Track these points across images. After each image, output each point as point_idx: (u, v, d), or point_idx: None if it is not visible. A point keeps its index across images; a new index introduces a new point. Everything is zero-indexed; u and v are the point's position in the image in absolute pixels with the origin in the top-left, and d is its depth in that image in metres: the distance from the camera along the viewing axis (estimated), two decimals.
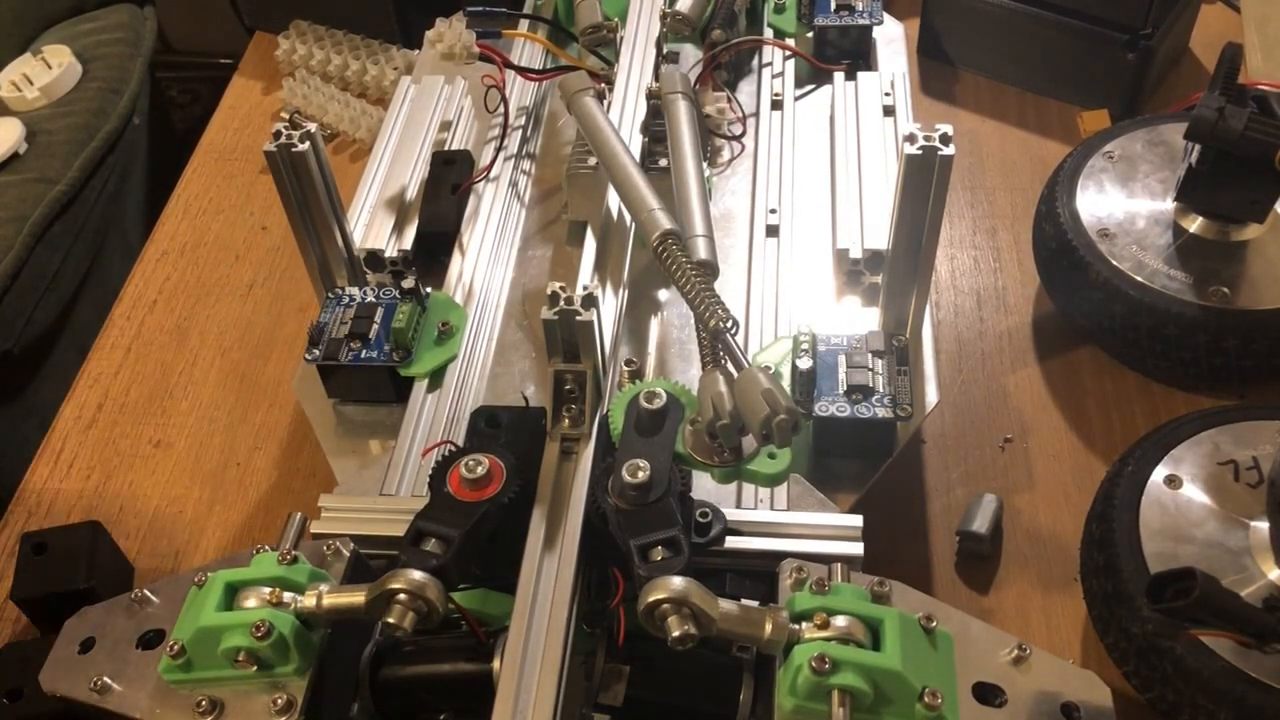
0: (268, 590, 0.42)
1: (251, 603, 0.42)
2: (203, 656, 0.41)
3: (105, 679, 0.43)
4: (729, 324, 0.46)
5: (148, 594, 0.46)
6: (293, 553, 0.43)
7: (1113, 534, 0.49)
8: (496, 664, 0.41)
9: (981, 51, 0.81)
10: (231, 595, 0.42)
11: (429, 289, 0.58)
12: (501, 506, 0.44)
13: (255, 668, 0.41)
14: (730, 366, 0.46)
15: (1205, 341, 0.58)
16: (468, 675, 0.42)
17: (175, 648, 0.41)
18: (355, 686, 0.43)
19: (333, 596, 0.41)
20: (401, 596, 0.39)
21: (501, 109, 0.68)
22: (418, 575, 0.40)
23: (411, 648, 0.44)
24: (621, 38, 0.67)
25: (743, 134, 0.67)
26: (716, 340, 0.46)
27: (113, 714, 0.43)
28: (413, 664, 0.44)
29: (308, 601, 0.41)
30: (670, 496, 0.43)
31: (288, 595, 0.42)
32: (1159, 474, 0.51)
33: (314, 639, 0.42)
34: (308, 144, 0.52)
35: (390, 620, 0.39)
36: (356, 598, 0.41)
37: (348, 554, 0.45)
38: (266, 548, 0.44)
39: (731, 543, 0.45)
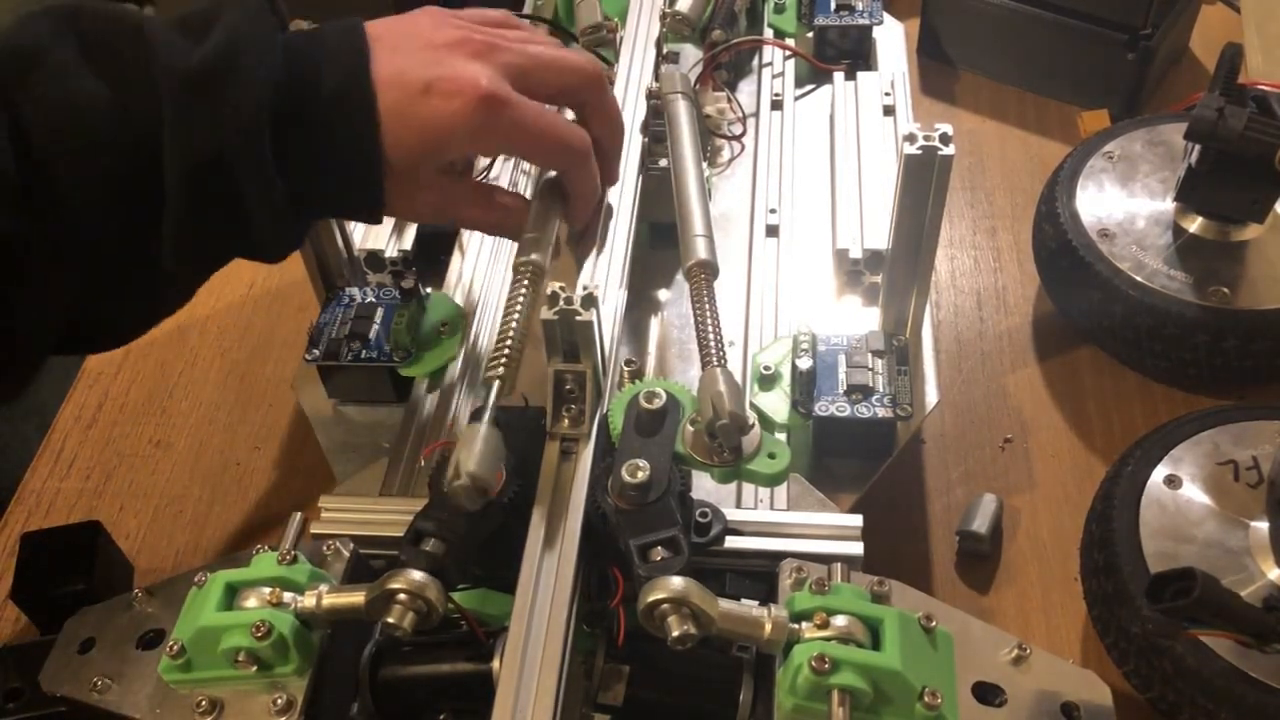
0: (268, 590, 0.42)
1: (251, 603, 0.42)
2: (202, 656, 0.41)
3: (105, 679, 0.43)
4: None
5: (148, 594, 0.46)
6: (293, 553, 0.43)
7: (1113, 534, 0.49)
8: (496, 664, 0.41)
9: (981, 51, 0.81)
10: (231, 595, 0.42)
11: (429, 289, 0.58)
12: (501, 507, 0.44)
13: (255, 668, 0.41)
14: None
15: (1205, 341, 0.58)
16: (468, 675, 0.42)
17: (175, 648, 0.41)
18: (355, 686, 0.43)
19: (332, 596, 0.41)
20: (401, 596, 0.39)
21: None
22: (417, 575, 0.40)
23: (411, 648, 0.44)
24: (621, 38, 0.67)
25: (743, 134, 0.67)
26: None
27: (113, 714, 0.43)
28: (413, 664, 0.44)
29: (307, 601, 0.41)
30: (670, 496, 0.43)
31: (288, 595, 0.42)
32: (1159, 474, 0.51)
33: (314, 639, 0.42)
34: None
35: (390, 620, 0.39)
36: (356, 598, 0.41)
37: (348, 554, 0.45)
38: (266, 548, 0.44)
39: (731, 543, 0.45)
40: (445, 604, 0.40)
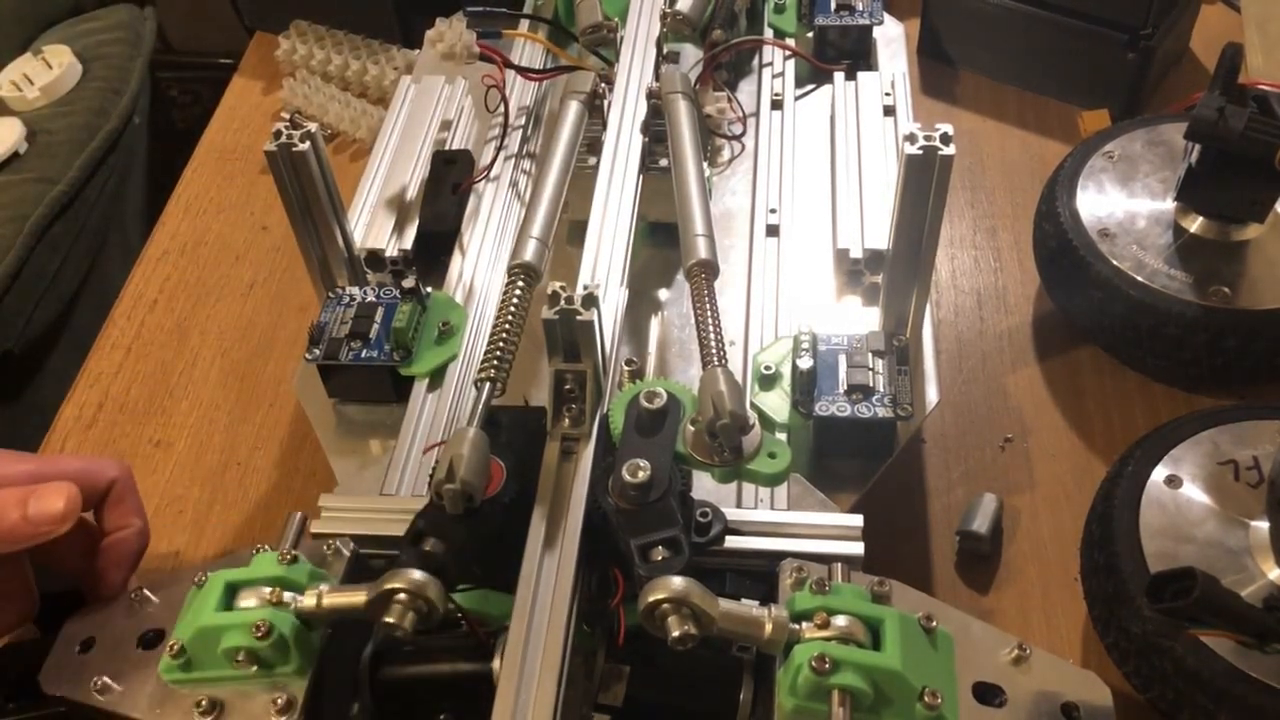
0: (268, 590, 0.42)
1: (251, 602, 0.42)
2: (203, 656, 0.41)
3: (105, 679, 0.43)
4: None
5: (147, 594, 0.46)
6: (293, 552, 0.43)
7: (1113, 534, 0.49)
8: (496, 664, 0.41)
9: (981, 51, 0.81)
10: (231, 595, 0.42)
11: (429, 289, 0.58)
12: (501, 506, 0.44)
13: (255, 667, 0.41)
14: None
15: (1205, 341, 0.58)
16: (468, 675, 0.42)
17: (175, 647, 0.41)
18: (355, 686, 0.43)
19: (333, 596, 0.41)
20: (401, 596, 0.39)
21: (501, 109, 0.68)
22: (418, 575, 0.40)
23: (412, 648, 0.44)
24: (621, 37, 0.67)
25: (743, 134, 0.67)
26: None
27: (113, 714, 0.43)
28: (413, 664, 0.44)
29: (308, 601, 0.41)
30: (670, 496, 0.43)
31: (288, 595, 0.42)
32: (1159, 474, 0.51)
33: (314, 639, 0.42)
34: (308, 143, 0.52)
35: (390, 620, 0.39)
36: (357, 597, 0.41)
37: (348, 554, 0.45)
38: (266, 548, 0.44)
39: (731, 543, 0.45)
40: (446, 603, 0.40)
